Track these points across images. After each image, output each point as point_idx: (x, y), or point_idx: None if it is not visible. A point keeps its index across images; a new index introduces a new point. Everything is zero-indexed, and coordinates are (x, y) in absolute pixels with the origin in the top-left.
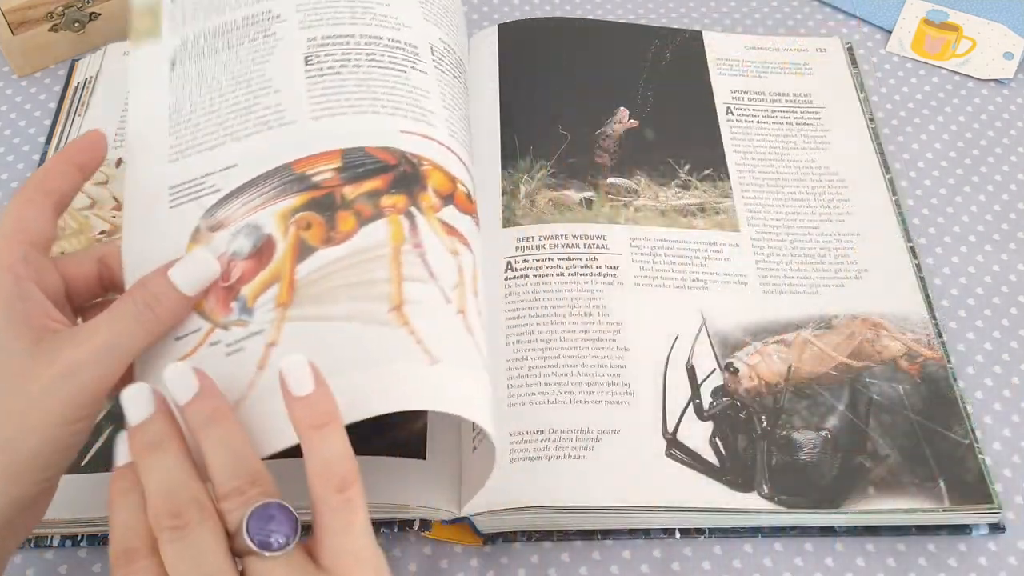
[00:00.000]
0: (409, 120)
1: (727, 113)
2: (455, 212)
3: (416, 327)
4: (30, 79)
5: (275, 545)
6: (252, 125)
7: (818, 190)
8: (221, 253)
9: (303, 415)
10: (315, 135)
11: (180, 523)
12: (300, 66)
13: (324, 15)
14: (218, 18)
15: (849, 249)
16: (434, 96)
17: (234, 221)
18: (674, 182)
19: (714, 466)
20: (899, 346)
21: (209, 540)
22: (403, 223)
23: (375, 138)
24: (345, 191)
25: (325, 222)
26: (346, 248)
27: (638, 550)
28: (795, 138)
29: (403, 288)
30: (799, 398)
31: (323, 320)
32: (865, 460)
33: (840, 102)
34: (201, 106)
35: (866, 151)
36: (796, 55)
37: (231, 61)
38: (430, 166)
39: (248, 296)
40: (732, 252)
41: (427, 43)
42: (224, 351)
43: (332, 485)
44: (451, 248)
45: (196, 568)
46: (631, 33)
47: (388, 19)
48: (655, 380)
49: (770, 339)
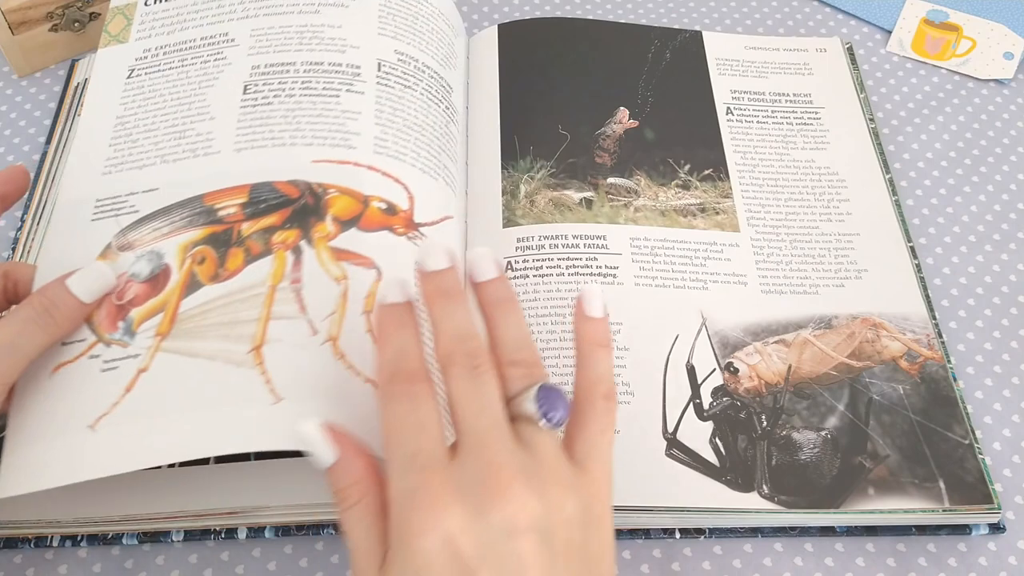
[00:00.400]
0: (326, 148)
1: (727, 113)
2: (357, 234)
3: (269, 367)
4: (30, 79)
5: (555, 419)
6: (182, 150)
7: (818, 190)
8: (121, 272)
9: (591, 334)
10: (232, 168)
11: (475, 363)
12: (238, 94)
13: (273, 41)
14: (181, 34)
15: (849, 249)
16: (365, 115)
17: (141, 245)
18: (674, 182)
19: (714, 466)
20: (899, 346)
21: (495, 387)
22: (288, 259)
23: (284, 172)
24: (243, 227)
25: (217, 258)
26: (226, 287)
27: (638, 550)
28: (795, 138)
29: (268, 328)
30: (799, 398)
31: (191, 356)
32: (865, 460)
33: (840, 102)
34: (143, 122)
35: (866, 151)
36: (796, 55)
37: (180, 80)
38: (336, 192)
39: (135, 319)
40: (732, 252)
41: (375, 60)
42: (100, 365)
43: (600, 392)
44: (337, 275)
45: (482, 405)
46: (631, 33)
47: (335, 41)
48: (655, 380)
49: (770, 339)
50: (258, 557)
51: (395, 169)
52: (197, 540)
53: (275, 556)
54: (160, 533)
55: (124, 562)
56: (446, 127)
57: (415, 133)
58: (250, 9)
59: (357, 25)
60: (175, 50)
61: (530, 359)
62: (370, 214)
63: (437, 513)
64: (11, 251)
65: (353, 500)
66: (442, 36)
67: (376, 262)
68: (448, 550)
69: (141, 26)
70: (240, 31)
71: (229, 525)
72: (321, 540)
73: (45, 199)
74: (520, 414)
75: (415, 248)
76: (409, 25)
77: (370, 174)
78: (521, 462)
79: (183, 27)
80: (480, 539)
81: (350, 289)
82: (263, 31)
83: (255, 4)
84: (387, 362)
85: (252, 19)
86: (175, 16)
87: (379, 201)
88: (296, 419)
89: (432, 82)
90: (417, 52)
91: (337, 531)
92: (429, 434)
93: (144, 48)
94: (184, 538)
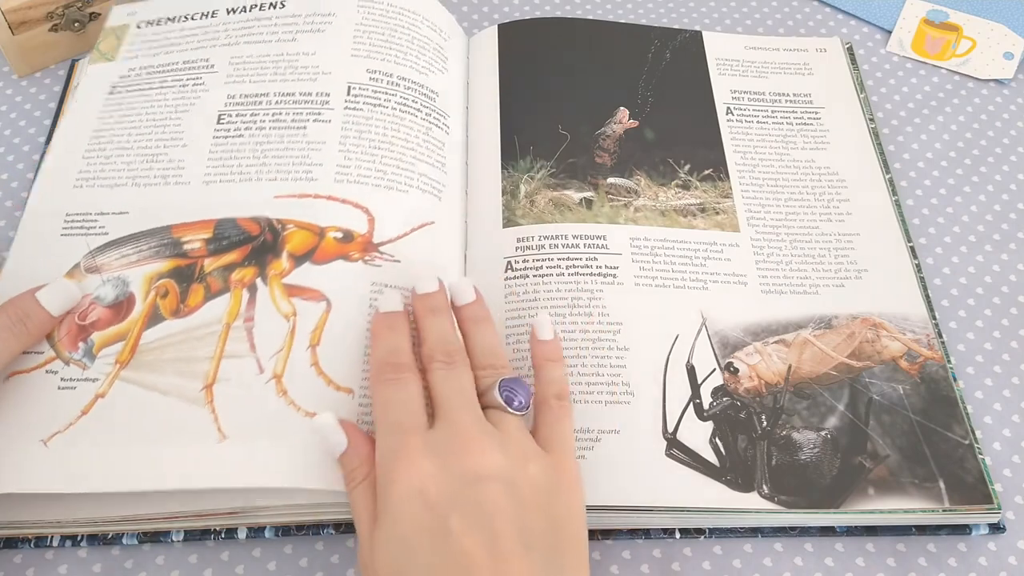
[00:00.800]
0: (288, 182)
1: (727, 113)
2: (310, 268)
3: (218, 405)
4: (30, 79)
5: (516, 404)
6: (153, 175)
7: (818, 190)
8: (86, 294)
9: (543, 352)
10: (200, 200)
11: (451, 360)
12: (212, 124)
13: (250, 70)
14: (165, 56)
15: (849, 249)
16: (330, 144)
17: (108, 270)
18: (674, 182)
19: (714, 466)
20: (899, 346)
21: (467, 376)
22: (243, 297)
23: (249, 207)
24: (206, 263)
25: (179, 293)
26: (185, 323)
27: (638, 550)
28: (795, 138)
29: (220, 366)
30: (799, 398)
31: (148, 388)
32: (865, 460)
33: (840, 102)
34: (119, 138)
35: (866, 151)
36: (796, 55)
37: (158, 101)
38: (294, 227)
39: (96, 343)
40: (732, 252)
41: (345, 84)
42: (57, 382)
43: (553, 393)
44: (286, 312)
45: (456, 388)
46: (631, 33)
47: (308, 70)
48: (655, 380)
49: (770, 339)
50: (258, 557)
51: (356, 194)
52: (197, 540)
53: (275, 556)
54: (160, 533)
55: (124, 562)
56: (425, 134)
57: (382, 151)
58: (232, 36)
59: (331, 49)
60: (157, 71)
61: (498, 363)
62: (325, 245)
63: (411, 465)
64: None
65: (360, 477)
66: (424, 43)
67: (326, 294)
68: (421, 497)
69: (130, 47)
70: (220, 58)
71: (229, 525)
72: (321, 540)
73: None
74: (489, 404)
75: (370, 270)
76: (385, 40)
77: (329, 204)
78: (490, 431)
79: (168, 51)
80: (449, 486)
81: (298, 325)
82: (242, 59)
83: (238, 31)
84: (379, 357)
85: (233, 46)
86: (164, 39)
87: (335, 231)
88: (238, 458)
89: (408, 93)
90: (392, 66)
91: (337, 531)
92: (410, 408)
93: (129, 67)
94: (184, 538)
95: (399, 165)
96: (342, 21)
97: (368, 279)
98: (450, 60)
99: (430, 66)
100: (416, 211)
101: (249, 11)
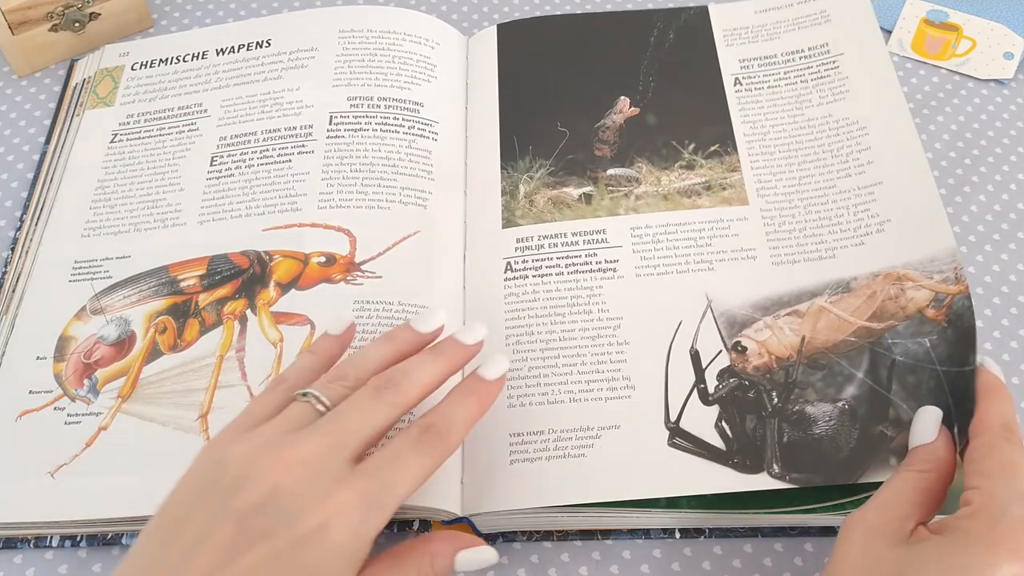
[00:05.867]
0: (275, 215)
1: (735, 84)
2: (295, 294)
3: (212, 433)
4: (30, 79)
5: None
6: (153, 220)
7: (835, 146)
8: (91, 335)
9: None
10: (195, 240)
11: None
12: (206, 166)
13: (239, 111)
14: (162, 102)
15: (870, 202)
16: (313, 174)
17: (111, 311)
18: (677, 163)
19: (720, 450)
20: (925, 295)
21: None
22: (235, 328)
23: (239, 243)
24: (200, 298)
25: (177, 328)
26: (182, 357)
27: (638, 550)
28: (810, 95)
29: (214, 396)
30: (813, 370)
31: (147, 420)
32: (887, 428)
33: (860, 43)
34: (122, 188)
35: (891, 88)
36: (811, 5)
37: (157, 149)
38: (280, 258)
39: (100, 379)
40: (740, 227)
41: (327, 114)
42: (64, 418)
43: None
44: (274, 339)
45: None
46: (631, 20)
47: (293, 105)
48: (657, 371)
49: (781, 312)
50: None
51: (338, 218)
52: None
53: None
54: None
55: None
56: (408, 148)
57: (363, 173)
58: (223, 79)
59: (313, 83)
60: (155, 118)
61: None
62: (309, 271)
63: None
64: (10, 251)
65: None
66: (407, 59)
67: (311, 317)
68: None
69: (127, 91)
70: (212, 101)
71: None
72: None
73: (44, 199)
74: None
75: (352, 289)
76: (365, 66)
77: (313, 231)
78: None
79: (163, 95)
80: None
81: (284, 351)
82: (231, 101)
83: (227, 74)
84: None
85: (224, 89)
86: (158, 83)
87: (318, 256)
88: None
89: (389, 111)
90: (372, 90)
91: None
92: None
93: (127, 113)
94: None
95: (380, 184)
96: (324, 54)
97: (350, 298)
98: (438, 67)
99: (413, 79)
100: (397, 225)
101: (237, 51)
